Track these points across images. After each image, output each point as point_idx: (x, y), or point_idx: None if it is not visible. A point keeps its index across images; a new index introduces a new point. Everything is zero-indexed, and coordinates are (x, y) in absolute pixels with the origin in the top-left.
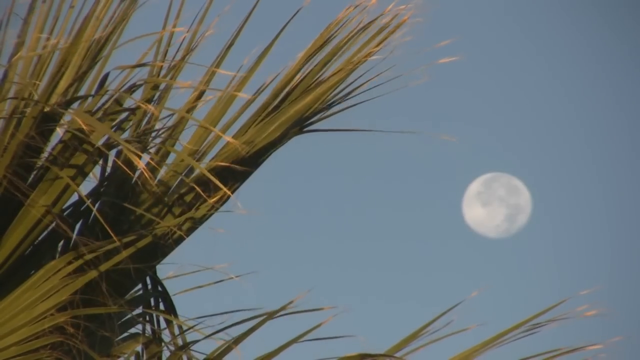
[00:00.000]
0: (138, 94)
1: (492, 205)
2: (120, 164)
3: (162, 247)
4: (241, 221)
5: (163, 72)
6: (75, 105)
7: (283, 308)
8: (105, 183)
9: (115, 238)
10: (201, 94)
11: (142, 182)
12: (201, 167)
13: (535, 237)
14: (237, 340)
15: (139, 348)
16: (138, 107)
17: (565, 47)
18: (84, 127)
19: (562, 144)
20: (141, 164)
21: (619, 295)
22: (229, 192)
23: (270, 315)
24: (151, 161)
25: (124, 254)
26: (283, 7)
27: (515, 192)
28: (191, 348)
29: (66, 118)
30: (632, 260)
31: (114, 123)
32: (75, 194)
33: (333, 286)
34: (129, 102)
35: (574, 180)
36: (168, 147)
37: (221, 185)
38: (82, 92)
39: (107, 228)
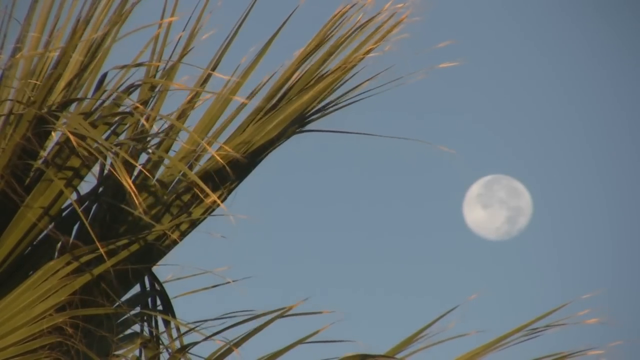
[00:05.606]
0: (136, 93)
1: (492, 208)
2: (117, 167)
3: (160, 247)
4: (238, 221)
5: (160, 71)
6: (73, 104)
7: (283, 312)
8: (106, 181)
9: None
10: (198, 94)
11: (140, 183)
12: (168, 185)
13: (536, 239)
14: (237, 343)
15: (137, 350)
16: (135, 108)
17: (567, 48)
18: (73, 139)
19: (564, 146)
20: (127, 177)
21: (621, 298)
22: (219, 201)
23: (273, 319)
24: (143, 169)
25: (122, 255)
26: (280, 6)
27: (515, 194)
28: (189, 351)
29: (63, 120)
30: (634, 263)
31: (110, 124)
32: (74, 192)
33: (333, 286)
34: (126, 102)
35: (575, 182)
36: (160, 153)
37: (209, 192)
38: (81, 90)
39: (90, 232)
